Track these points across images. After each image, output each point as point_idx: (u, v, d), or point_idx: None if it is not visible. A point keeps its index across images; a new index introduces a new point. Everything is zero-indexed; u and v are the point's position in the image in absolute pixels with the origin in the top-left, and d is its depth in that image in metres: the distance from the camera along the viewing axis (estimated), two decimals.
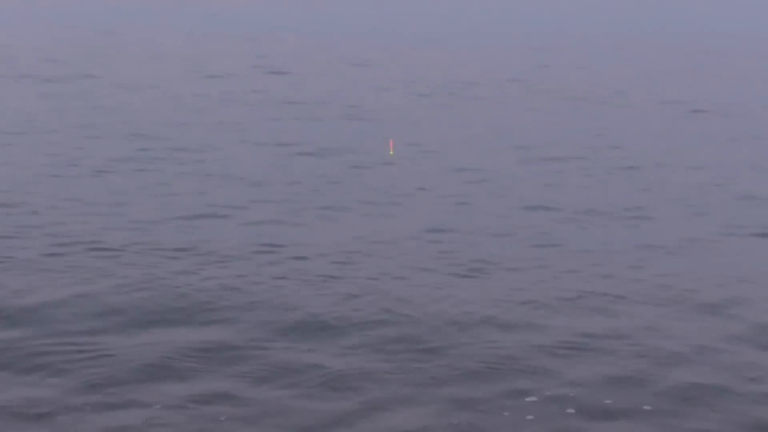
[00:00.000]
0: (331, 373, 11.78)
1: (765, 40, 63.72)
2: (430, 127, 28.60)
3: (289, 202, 19.52)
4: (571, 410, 11.08)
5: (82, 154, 23.22)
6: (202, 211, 18.62)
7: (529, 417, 10.91)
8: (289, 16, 71.99)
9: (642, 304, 14.46)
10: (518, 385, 11.64)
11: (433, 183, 21.59)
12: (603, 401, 11.33)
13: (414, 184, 21.42)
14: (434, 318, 13.64)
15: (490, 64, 44.86)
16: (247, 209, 18.87)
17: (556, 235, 17.85)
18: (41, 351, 12.12)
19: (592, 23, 73.28)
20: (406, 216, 18.92)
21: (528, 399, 11.32)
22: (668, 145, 26.84)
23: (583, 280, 15.40)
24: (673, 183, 22.28)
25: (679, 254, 17.02)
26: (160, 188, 20.33)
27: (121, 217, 17.98)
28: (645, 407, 11.22)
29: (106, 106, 30.34)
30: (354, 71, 41.38)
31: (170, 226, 17.53)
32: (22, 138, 24.97)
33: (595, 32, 65.35)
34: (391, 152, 24.04)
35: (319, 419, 10.77)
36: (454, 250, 16.75)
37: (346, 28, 63.44)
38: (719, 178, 22.89)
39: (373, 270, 15.52)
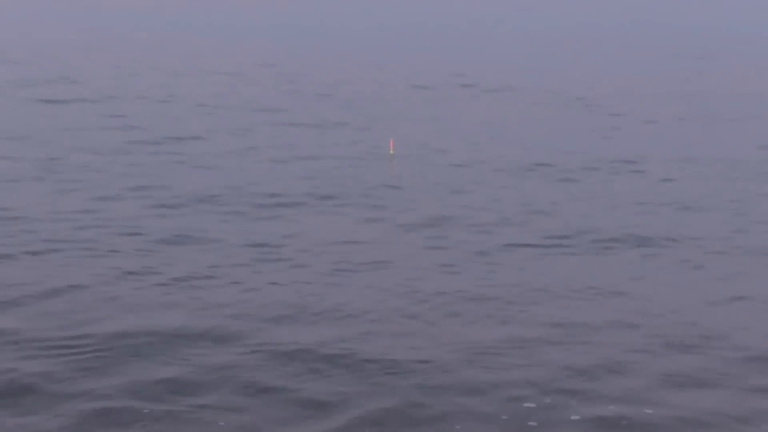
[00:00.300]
0: (323, 371, 11.61)
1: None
2: (431, 124, 28.43)
3: (285, 197, 19.39)
4: (571, 404, 10.90)
5: (73, 145, 23.20)
6: (197, 205, 18.54)
7: (530, 418, 10.73)
8: (284, 16, 71.86)
9: (643, 300, 14.32)
10: (516, 377, 11.48)
11: (433, 180, 21.42)
12: (602, 391, 11.17)
13: (415, 182, 21.25)
14: (432, 313, 13.48)
15: (491, 62, 44.64)
16: (242, 206, 18.72)
17: (556, 232, 17.68)
18: (28, 340, 12.01)
19: (596, 24, 73.14)
20: (405, 215, 18.71)
21: (526, 392, 11.15)
22: (673, 142, 26.70)
23: (584, 277, 15.24)
24: (677, 181, 22.14)
25: (681, 254, 16.86)
26: (153, 180, 20.21)
27: (108, 210, 17.90)
28: (643, 397, 11.10)
29: (95, 100, 30.32)
30: (354, 66, 41.16)
31: (162, 219, 17.42)
32: (12, 133, 24.82)
33: (600, 33, 65.18)
34: (391, 151, 23.86)
35: (310, 411, 10.60)
36: (453, 246, 16.57)
37: (346, 24, 63.30)
38: (725, 177, 22.76)
39: (372, 268, 15.35)
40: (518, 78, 39.52)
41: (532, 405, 10.91)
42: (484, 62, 45.18)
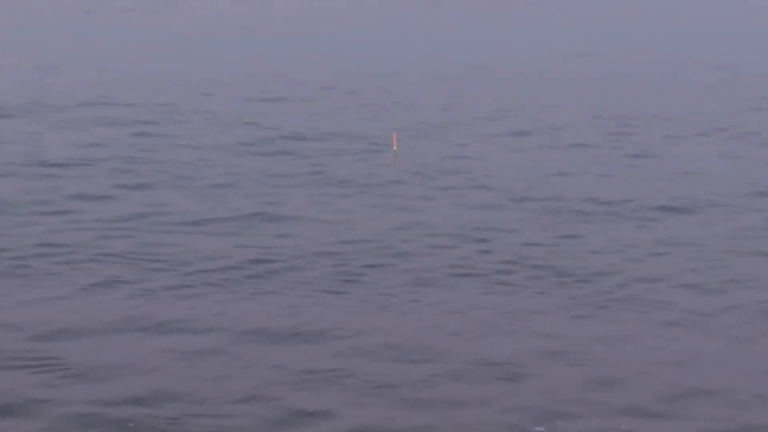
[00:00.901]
0: (319, 377, 11.25)
1: None
2: (432, 119, 28.00)
3: (283, 190, 19.06)
4: (564, 415, 10.42)
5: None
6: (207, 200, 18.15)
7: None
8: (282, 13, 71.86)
9: (660, 312, 13.83)
10: (510, 390, 11.02)
11: (435, 178, 20.99)
12: (615, 410, 10.73)
13: (416, 180, 20.77)
14: (424, 319, 13.09)
15: (497, 52, 44.31)
16: (238, 203, 18.38)
17: (560, 232, 17.14)
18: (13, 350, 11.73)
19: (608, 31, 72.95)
20: (405, 215, 18.21)
21: (520, 403, 10.65)
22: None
23: (583, 282, 14.80)
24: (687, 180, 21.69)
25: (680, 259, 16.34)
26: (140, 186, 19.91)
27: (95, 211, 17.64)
28: (659, 414, 10.60)
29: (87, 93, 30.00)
30: (355, 59, 40.79)
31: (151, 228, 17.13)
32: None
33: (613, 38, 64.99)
34: (394, 147, 23.47)
35: (304, 416, 10.28)
36: (452, 251, 16.11)
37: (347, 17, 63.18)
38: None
39: (370, 271, 14.98)
40: (527, 68, 39.10)
41: (541, 429, 10.40)
42: (491, 52, 44.79)
